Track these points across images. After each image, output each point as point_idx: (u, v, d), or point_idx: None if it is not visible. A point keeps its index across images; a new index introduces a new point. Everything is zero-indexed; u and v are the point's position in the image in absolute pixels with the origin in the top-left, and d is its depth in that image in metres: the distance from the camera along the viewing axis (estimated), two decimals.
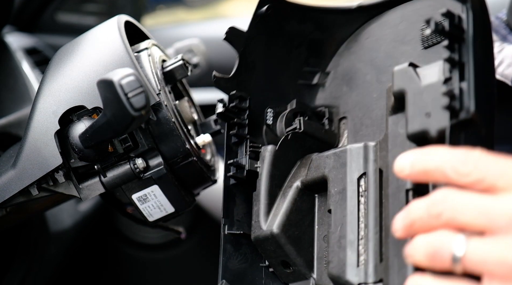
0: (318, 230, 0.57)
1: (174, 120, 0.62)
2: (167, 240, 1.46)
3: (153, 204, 0.64)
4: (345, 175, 0.54)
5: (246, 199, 0.60)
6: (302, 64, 0.66)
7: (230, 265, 0.58)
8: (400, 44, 0.59)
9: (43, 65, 1.11)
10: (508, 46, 0.73)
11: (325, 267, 0.55)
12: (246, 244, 0.59)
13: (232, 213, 0.59)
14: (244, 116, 0.61)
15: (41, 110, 0.60)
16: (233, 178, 0.59)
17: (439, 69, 0.47)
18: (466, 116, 0.43)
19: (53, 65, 0.63)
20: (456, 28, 0.46)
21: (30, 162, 0.59)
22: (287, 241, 0.55)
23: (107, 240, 1.48)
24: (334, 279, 0.52)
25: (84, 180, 0.62)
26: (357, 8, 0.64)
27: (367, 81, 0.62)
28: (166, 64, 0.67)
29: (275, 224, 0.55)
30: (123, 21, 0.66)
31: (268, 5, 0.61)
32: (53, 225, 1.03)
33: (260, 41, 0.63)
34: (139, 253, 1.49)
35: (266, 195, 0.58)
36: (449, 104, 0.44)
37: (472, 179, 0.38)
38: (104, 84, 0.51)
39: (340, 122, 0.64)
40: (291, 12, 0.63)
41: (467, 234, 0.38)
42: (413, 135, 0.47)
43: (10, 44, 1.05)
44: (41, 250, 1.01)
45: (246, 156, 0.59)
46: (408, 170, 0.41)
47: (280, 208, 0.57)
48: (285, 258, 0.56)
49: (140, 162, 0.61)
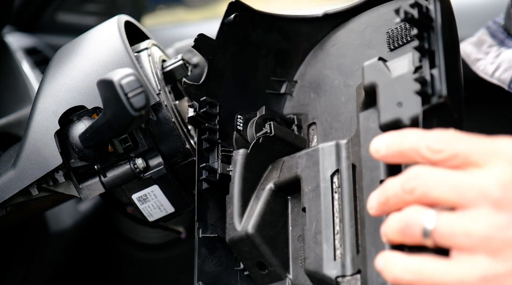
0: (292, 231, 0.57)
1: (174, 120, 0.62)
2: (167, 240, 1.45)
3: (153, 204, 0.64)
4: (318, 173, 0.54)
5: (219, 203, 0.60)
6: (270, 73, 0.67)
7: (206, 268, 0.58)
8: (367, 49, 0.60)
9: (43, 65, 1.11)
10: (506, 50, 0.73)
11: (300, 267, 0.55)
12: (221, 247, 0.59)
13: (205, 217, 0.59)
14: (215, 122, 0.61)
15: (41, 110, 0.60)
16: (206, 181, 0.59)
17: (409, 61, 0.48)
18: (438, 100, 0.44)
19: (53, 65, 0.63)
20: (424, 17, 0.47)
21: (30, 162, 0.59)
22: (262, 241, 0.55)
23: (107, 240, 1.48)
24: (311, 274, 0.52)
25: (84, 180, 0.62)
26: (323, 16, 0.65)
27: (335, 86, 0.62)
28: (166, 64, 0.67)
29: (249, 224, 0.56)
30: (123, 21, 0.66)
31: (235, 14, 0.61)
32: (53, 225, 1.03)
33: (228, 50, 0.63)
34: (139, 253, 1.49)
35: (239, 197, 0.58)
36: (421, 90, 0.45)
37: (445, 156, 0.39)
38: (104, 84, 0.51)
39: (309, 128, 0.64)
40: (258, 21, 0.64)
41: (438, 209, 0.39)
42: (386, 126, 0.47)
43: (10, 44, 1.05)
44: (41, 250, 1.01)
45: (218, 160, 0.59)
46: (384, 151, 0.42)
47: (254, 210, 0.57)
48: (260, 259, 0.56)
49: (140, 162, 0.61)
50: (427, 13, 0.47)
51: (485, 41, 0.77)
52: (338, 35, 0.64)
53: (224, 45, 0.62)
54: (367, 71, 0.50)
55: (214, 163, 0.60)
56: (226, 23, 0.62)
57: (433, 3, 0.48)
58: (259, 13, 0.64)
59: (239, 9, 0.62)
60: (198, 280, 0.57)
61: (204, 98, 0.60)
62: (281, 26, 0.65)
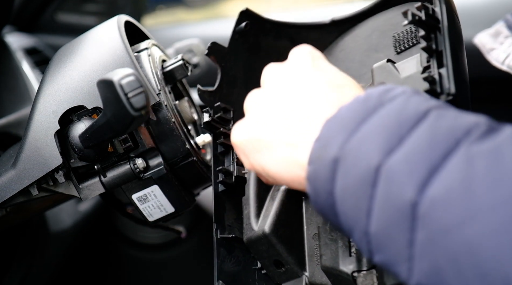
0: (307, 230, 0.58)
1: (174, 120, 0.62)
2: (167, 240, 1.46)
3: (153, 204, 0.64)
4: None
5: (235, 205, 0.61)
6: None
7: (225, 268, 0.59)
8: (374, 52, 0.61)
9: (43, 65, 1.11)
10: None
11: (316, 264, 0.56)
12: (238, 247, 0.60)
13: (223, 218, 0.61)
14: (230, 126, 0.62)
15: (41, 110, 0.60)
16: (222, 184, 0.61)
17: (417, 62, 0.50)
18: (447, 98, 0.46)
19: (53, 65, 0.63)
20: (431, 18, 0.49)
21: (30, 162, 0.59)
22: (278, 240, 0.56)
23: (107, 240, 1.48)
24: (327, 271, 0.53)
25: (84, 180, 0.62)
26: (330, 23, 0.66)
27: None
28: (166, 64, 0.67)
29: (266, 224, 0.57)
30: (123, 21, 0.66)
31: (246, 22, 0.63)
32: (53, 225, 1.03)
33: (240, 57, 0.65)
34: (139, 253, 1.49)
35: (255, 198, 0.59)
36: (430, 88, 0.46)
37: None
38: (104, 84, 0.51)
39: None
40: (267, 28, 0.65)
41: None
42: None
43: (10, 44, 1.05)
44: (41, 250, 1.01)
45: (233, 163, 0.61)
46: None
47: (270, 210, 0.58)
48: (277, 257, 0.57)
49: (140, 162, 0.61)
50: (433, 14, 0.49)
51: (502, 32, 0.80)
52: (346, 40, 0.66)
53: (235, 52, 0.64)
54: (377, 73, 0.52)
55: (230, 166, 0.61)
56: (237, 31, 0.64)
57: (438, 5, 0.49)
58: (269, 21, 0.65)
59: (249, 17, 0.64)
60: (218, 279, 0.58)
61: (218, 104, 0.62)
62: (290, 33, 0.67)
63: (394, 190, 0.36)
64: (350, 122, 0.40)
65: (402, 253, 0.36)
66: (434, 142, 0.36)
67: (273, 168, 0.46)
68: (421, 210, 0.35)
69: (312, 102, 0.45)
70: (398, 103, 0.40)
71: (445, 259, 0.34)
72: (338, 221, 0.41)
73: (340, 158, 0.39)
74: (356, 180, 0.38)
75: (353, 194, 0.39)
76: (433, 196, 0.35)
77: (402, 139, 0.38)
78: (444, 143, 0.36)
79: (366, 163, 0.38)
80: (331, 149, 0.40)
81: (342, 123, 0.41)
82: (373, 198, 0.37)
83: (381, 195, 0.37)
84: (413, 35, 0.58)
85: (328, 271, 0.53)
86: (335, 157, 0.40)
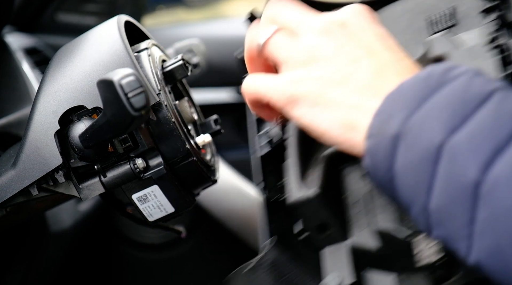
0: (350, 195, 0.58)
1: (174, 120, 0.62)
2: (167, 240, 1.46)
3: (153, 204, 0.64)
4: None
5: (277, 169, 0.62)
6: None
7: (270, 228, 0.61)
8: (406, 34, 0.61)
9: (43, 65, 1.11)
10: None
11: (361, 229, 0.56)
12: (281, 210, 0.62)
13: (267, 180, 0.62)
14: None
15: (41, 110, 0.60)
16: (265, 147, 0.62)
17: (479, 34, 0.49)
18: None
19: (53, 65, 0.63)
20: None
21: (30, 162, 0.59)
22: (322, 204, 0.57)
23: (107, 240, 1.48)
24: (381, 233, 0.54)
25: (84, 180, 0.62)
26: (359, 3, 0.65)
27: None
28: (166, 64, 0.67)
29: (310, 188, 0.57)
30: (123, 21, 0.66)
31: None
32: (53, 225, 1.03)
33: None
34: (139, 253, 1.49)
35: (297, 163, 0.59)
36: (501, 57, 0.46)
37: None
38: (104, 84, 0.51)
39: None
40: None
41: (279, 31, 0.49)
42: None
43: (10, 44, 1.05)
44: (41, 250, 1.01)
45: (275, 128, 0.63)
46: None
47: (313, 175, 0.58)
48: (322, 221, 0.58)
49: (140, 162, 0.61)
50: None
51: None
52: None
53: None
54: (437, 44, 0.51)
55: (272, 130, 0.63)
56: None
57: None
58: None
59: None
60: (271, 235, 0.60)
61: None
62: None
63: (457, 169, 0.37)
64: (413, 99, 0.40)
65: (462, 231, 0.37)
66: (499, 123, 0.37)
67: (327, 127, 0.45)
68: (484, 189, 0.35)
69: (375, 67, 0.44)
70: (461, 82, 0.40)
71: (507, 239, 0.35)
72: (395, 195, 0.41)
73: (401, 134, 0.39)
74: (417, 157, 0.38)
75: (414, 171, 0.39)
76: (497, 176, 0.35)
77: (466, 118, 0.38)
78: (509, 124, 0.36)
79: (429, 141, 0.38)
80: (393, 124, 0.40)
81: (404, 99, 0.40)
82: (435, 176, 0.38)
83: (443, 173, 0.37)
84: (446, 17, 0.57)
85: (381, 234, 0.54)
86: (396, 133, 0.39)
